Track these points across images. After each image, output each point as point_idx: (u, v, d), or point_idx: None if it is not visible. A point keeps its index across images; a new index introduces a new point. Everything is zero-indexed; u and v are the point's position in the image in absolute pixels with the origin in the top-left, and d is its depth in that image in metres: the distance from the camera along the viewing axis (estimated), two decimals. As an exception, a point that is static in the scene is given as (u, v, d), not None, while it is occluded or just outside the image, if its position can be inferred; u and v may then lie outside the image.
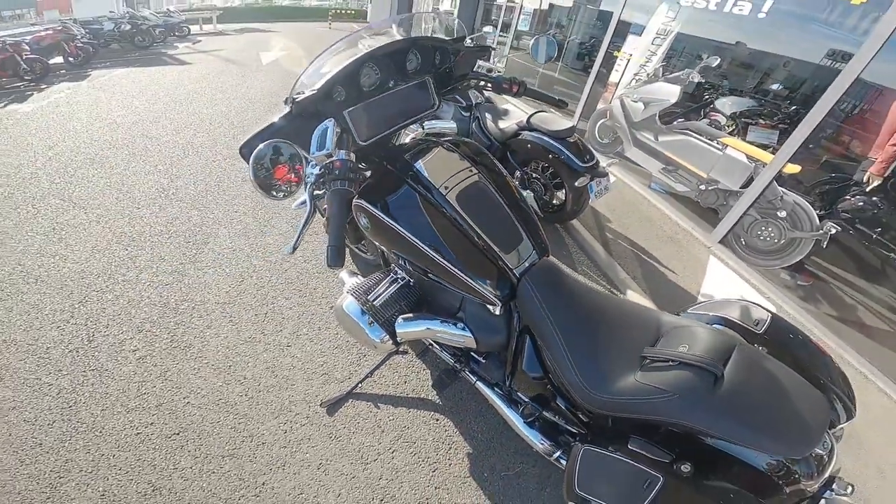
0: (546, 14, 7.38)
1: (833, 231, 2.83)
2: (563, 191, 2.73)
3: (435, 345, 1.50)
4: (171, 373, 1.71)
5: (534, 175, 2.84)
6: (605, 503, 0.88)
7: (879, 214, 3.22)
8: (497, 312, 1.20)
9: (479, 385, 1.39)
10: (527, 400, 1.27)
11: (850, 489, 0.88)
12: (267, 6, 23.50)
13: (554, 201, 2.87)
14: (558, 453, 1.20)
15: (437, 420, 1.66)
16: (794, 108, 4.08)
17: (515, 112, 2.95)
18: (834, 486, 0.88)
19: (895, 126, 2.88)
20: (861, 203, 3.13)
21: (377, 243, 1.43)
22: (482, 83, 1.68)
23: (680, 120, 4.11)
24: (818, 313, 2.80)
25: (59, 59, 7.73)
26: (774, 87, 4.40)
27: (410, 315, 1.31)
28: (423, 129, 1.50)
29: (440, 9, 9.98)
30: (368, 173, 1.30)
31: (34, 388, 1.63)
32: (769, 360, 0.94)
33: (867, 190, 3.07)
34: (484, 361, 1.37)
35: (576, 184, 2.49)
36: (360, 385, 1.71)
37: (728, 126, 4.21)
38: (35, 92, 6.07)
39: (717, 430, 0.84)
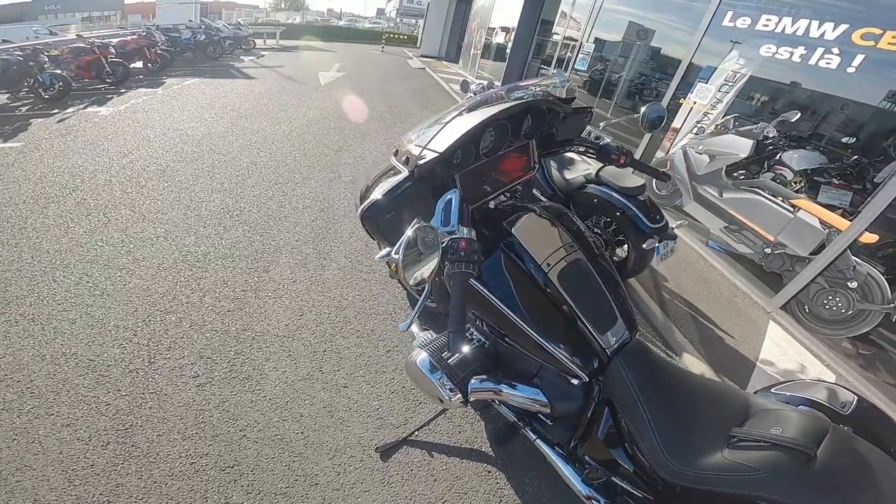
0: (601, 54, 7.42)
1: (907, 306, 2.69)
2: (625, 246, 2.71)
3: (498, 401, 1.52)
4: (229, 403, 1.79)
5: (595, 229, 2.82)
6: None
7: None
8: (575, 383, 1.22)
9: (539, 443, 1.41)
10: (594, 463, 1.29)
11: None
12: (325, 26, 24.96)
13: (614, 258, 2.82)
14: None
15: (490, 473, 1.68)
16: (866, 165, 3.94)
17: (581, 163, 2.93)
18: None
19: None
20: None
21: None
22: (588, 150, 1.67)
23: (741, 172, 4.02)
24: (876, 380, 2.66)
25: (138, 64, 8.42)
26: (846, 140, 4.24)
27: (484, 376, 1.34)
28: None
29: (507, 50, 10.28)
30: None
31: (91, 405, 1.71)
32: (861, 443, 0.95)
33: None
34: (551, 424, 1.38)
35: (643, 245, 2.44)
36: (415, 433, 1.74)
37: (796, 183, 4.09)
38: (115, 95, 6.65)
39: None
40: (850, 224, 2.89)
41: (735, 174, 3.98)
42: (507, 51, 10.28)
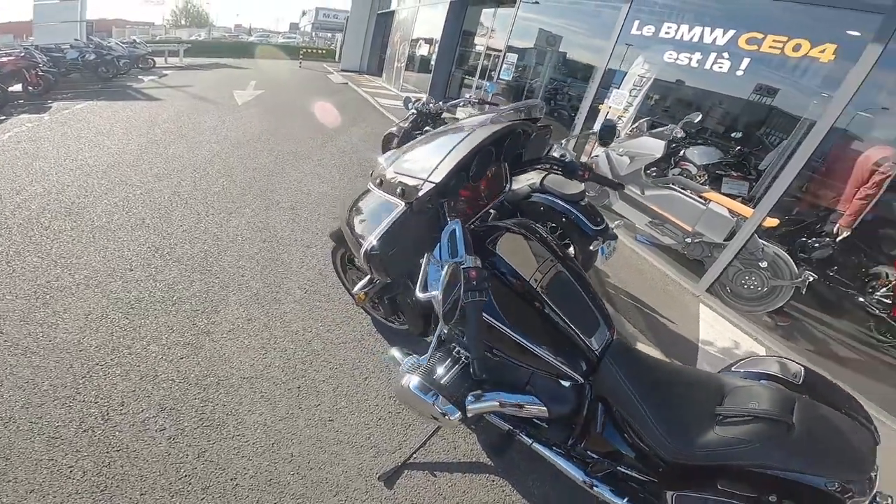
0: (524, 62, 7.83)
1: (811, 279, 3.19)
2: (570, 250, 2.90)
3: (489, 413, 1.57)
4: (210, 453, 1.66)
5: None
6: None
7: (847, 262, 3.67)
8: (566, 385, 1.31)
9: (536, 446, 1.50)
10: (596, 457, 1.40)
11: (889, 500, 1.10)
12: (234, 42, 23.80)
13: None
14: (625, 500, 1.33)
15: (494, 482, 1.73)
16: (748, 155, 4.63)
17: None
18: (878, 499, 1.10)
19: (860, 181, 3.32)
20: (830, 253, 3.56)
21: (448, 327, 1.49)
22: (554, 167, 1.79)
23: (653, 170, 4.49)
24: (797, 349, 3.13)
25: (17, 88, 7.44)
26: (735, 134, 4.95)
27: (479, 392, 1.40)
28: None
29: (432, 62, 10.48)
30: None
31: (51, 469, 1.54)
32: (822, 408, 1.15)
33: (837, 241, 3.50)
34: (546, 426, 1.46)
35: (590, 247, 2.63)
36: (413, 456, 1.75)
37: (699, 177, 4.67)
38: (-10, 126, 5.78)
39: (797, 467, 1.05)
40: (753, 211, 3.37)
41: (650, 172, 4.44)
42: (432, 63, 10.53)
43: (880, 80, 2.98)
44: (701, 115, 4.43)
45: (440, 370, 1.42)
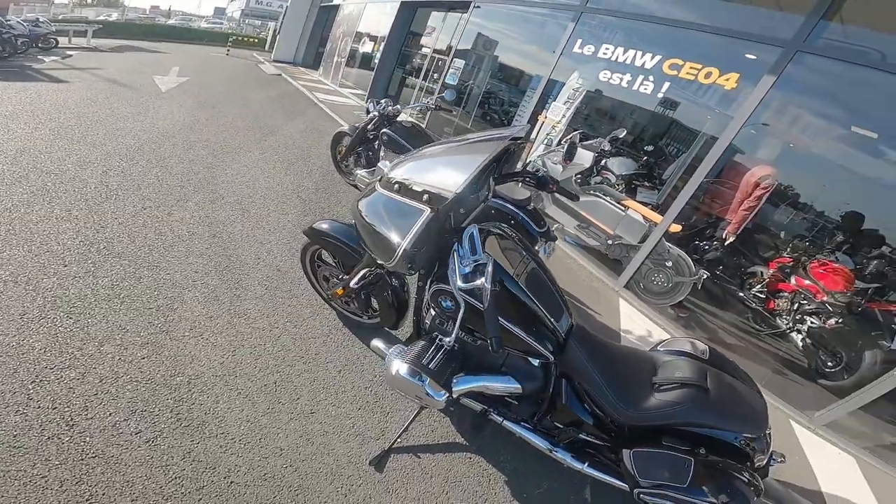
0: (471, 66, 8.06)
1: (705, 276, 3.83)
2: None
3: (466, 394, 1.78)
4: (196, 453, 1.66)
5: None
6: (662, 481, 1.36)
7: (731, 263, 4.44)
8: (536, 363, 1.56)
9: (507, 423, 1.75)
10: (561, 426, 1.68)
11: (782, 458, 1.49)
12: (150, 24, 21.42)
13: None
14: (585, 464, 1.63)
15: (472, 458, 1.95)
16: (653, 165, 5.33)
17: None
18: (773, 456, 1.48)
19: (744, 194, 4.03)
20: (720, 255, 4.28)
21: (445, 319, 1.66)
22: (528, 180, 2.02)
23: (578, 176, 4.99)
24: (691, 335, 3.76)
25: None
26: (647, 148, 5.66)
27: (462, 374, 1.61)
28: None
29: (375, 60, 10.35)
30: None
31: (23, 481, 1.45)
32: (725, 376, 1.52)
33: (725, 245, 4.21)
34: (516, 404, 1.70)
35: (535, 248, 2.95)
36: (397, 440, 1.89)
37: (618, 185, 5.28)
38: None
39: (715, 423, 1.40)
40: (662, 218, 3.95)
41: (577, 180, 4.94)
42: (375, 60, 10.44)
43: (771, 104, 3.61)
44: (626, 131, 5.02)
45: (426, 356, 1.59)
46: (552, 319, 1.57)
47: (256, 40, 20.51)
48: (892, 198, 3.92)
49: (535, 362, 1.60)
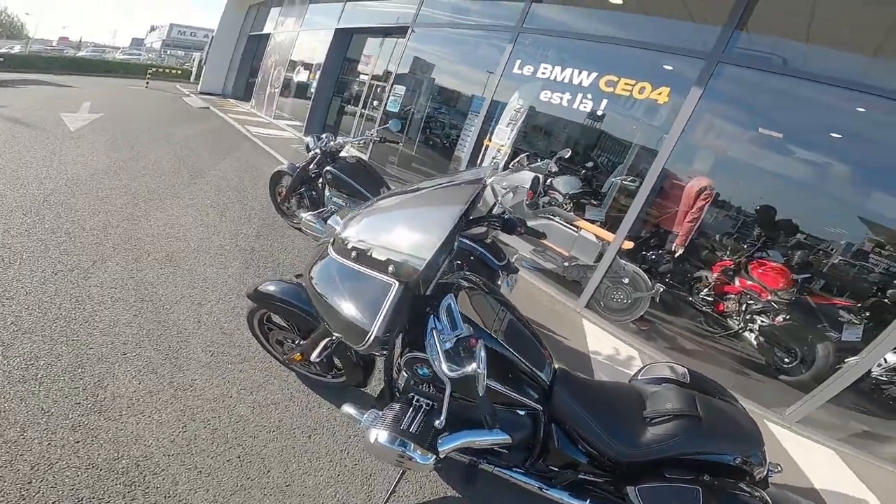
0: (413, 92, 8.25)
1: (662, 289, 4.10)
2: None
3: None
4: None
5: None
6: None
7: (678, 270, 4.80)
8: (522, 413, 1.58)
9: (498, 471, 1.73)
10: (556, 469, 1.69)
11: (779, 468, 1.58)
12: (57, 57, 20.20)
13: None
14: (587, 501, 1.64)
15: None
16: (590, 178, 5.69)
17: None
18: (770, 467, 1.56)
19: (688, 206, 4.40)
20: (671, 266, 4.62)
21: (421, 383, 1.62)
22: (494, 224, 2.03)
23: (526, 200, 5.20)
24: (656, 347, 3.99)
25: None
26: (588, 164, 6.06)
27: (447, 433, 1.55)
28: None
29: (311, 89, 10.30)
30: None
31: None
32: (714, 400, 1.62)
33: (675, 256, 4.55)
34: (506, 452, 1.70)
35: (498, 282, 2.94)
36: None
37: (565, 204, 5.57)
38: None
39: (713, 449, 1.47)
40: (614, 237, 4.21)
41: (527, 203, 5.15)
42: (311, 89, 10.41)
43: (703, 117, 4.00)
44: (570, 151, 5.35)
45: (405, 420, 1.53)
46: (536, 371, 1.60)
47: (180, 71, 20.14)
48: (801, 191, 4.54)
49: (522, 412, 1.62)
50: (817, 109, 3.85)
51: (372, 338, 1.34)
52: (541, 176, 4.76)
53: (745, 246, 4.69)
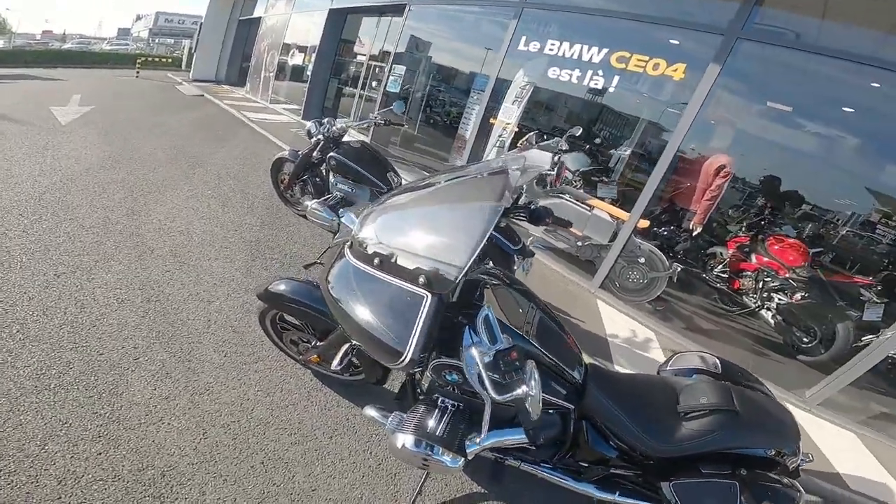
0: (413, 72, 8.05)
1: (679, 269, 4.03)
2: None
3: None
4: None
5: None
6: None
7: (692, 247, 4.72)
8: (552, 412, 1.53)
9: (526, 466, 1.70)
10: (586, 464, 1.66)
11: (810, 456, 1.55)
12: (42, 50, 19.95)
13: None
14: (616, 493, 1.62)
15: None
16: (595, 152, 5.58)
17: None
18: (802, 457, 1.52)
19: (706, 184, 4.29)
20: (688, 245, 4.54)
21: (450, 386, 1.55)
22: (521, 215, 1.91)
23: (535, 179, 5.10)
24: (672, 328, 3.94)
25: None
26: (597, 141, 5.92)
27: (474, 434, 1.49)
28: None
29: (307, 72, 10.07)
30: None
31: None
32: (751, 392, 1.58)
33: (693, 235, 4.46)
34: (533, 448, 1.66)
35: (514, 267, 2.89)
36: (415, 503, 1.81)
37: (575, 182, 5.46)
38: None
39: (751, 444, 1.45)
40: (629, 215, 4.12)
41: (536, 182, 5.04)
42: (307, 72, 10.19)
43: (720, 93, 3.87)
44: (581, 129, 5.19)
45: (431, 422, 1.47)
46: (569, 370, 1.54)
47: (170, 60, 19.95)
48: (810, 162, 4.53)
49: (552, 410, 1.57)
50: (836, 85, 3.74)
51: (408, 360, 1.23)
52: (558, 156, 4.63)
53: (754, 218, 4.60)
